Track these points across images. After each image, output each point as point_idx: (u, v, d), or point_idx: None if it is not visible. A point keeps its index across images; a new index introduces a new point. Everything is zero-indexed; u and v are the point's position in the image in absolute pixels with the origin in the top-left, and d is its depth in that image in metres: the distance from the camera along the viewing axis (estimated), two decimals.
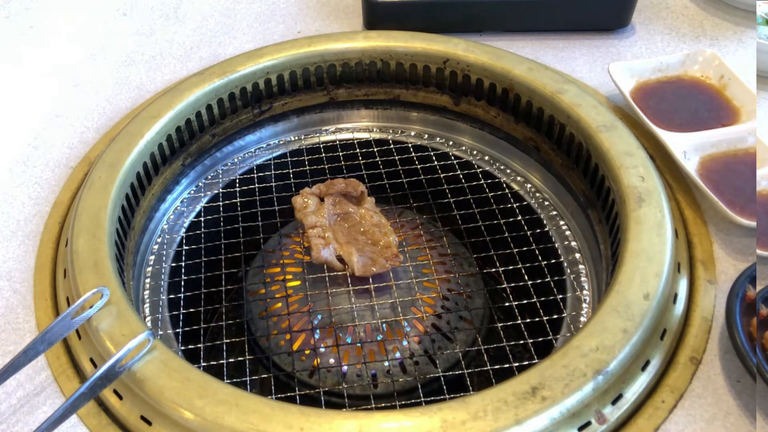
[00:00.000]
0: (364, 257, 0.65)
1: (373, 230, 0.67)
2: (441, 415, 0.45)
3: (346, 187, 0.70)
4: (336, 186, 0.70)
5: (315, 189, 0.70)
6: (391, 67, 0.77)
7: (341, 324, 0.64)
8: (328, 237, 0.66)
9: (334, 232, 0.67)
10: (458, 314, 0.67)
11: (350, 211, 0.69)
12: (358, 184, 0.70)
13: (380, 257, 0.65)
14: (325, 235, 0.66)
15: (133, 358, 0.49)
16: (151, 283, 0.66)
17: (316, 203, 0.69)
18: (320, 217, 0.67)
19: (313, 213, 0.67)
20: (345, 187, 0.70)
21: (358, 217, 0.69)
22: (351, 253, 0.65)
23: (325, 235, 0.66)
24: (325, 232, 0.66)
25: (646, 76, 0.75)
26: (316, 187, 0.70)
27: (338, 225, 0.68)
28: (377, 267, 0.64)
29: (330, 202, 0.69)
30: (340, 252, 0.65)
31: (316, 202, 0.69)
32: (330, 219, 0.68)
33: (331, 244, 0.65)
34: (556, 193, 0.72)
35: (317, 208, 0.68)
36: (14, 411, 0.52)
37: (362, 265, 0.64)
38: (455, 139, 0.78)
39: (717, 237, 0.62)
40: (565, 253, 0.67)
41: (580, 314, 0.61)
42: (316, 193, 0.69)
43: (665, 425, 0.50)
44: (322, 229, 0.66)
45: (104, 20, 0.93)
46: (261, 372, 0.66)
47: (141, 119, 0.68)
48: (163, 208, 0.72)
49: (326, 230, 0.66)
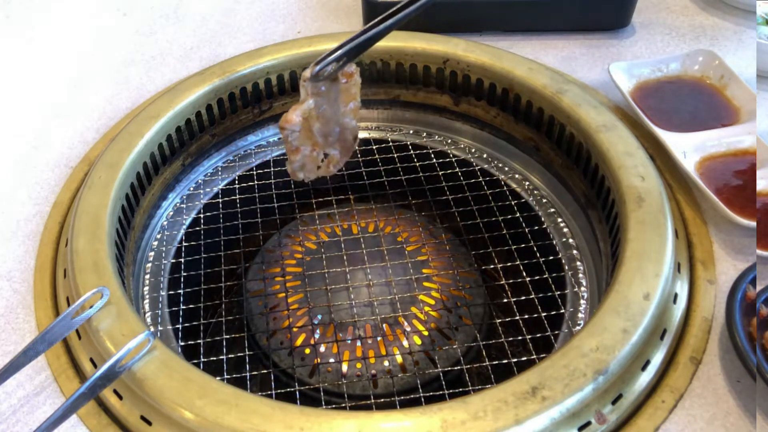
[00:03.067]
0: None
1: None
2: (441, 415, 0.45)
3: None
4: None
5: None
6: (391, 67, 0.77)
7: (341, 321, 0.64)
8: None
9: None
10: (457, 312, 0.67)
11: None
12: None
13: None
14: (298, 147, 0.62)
15: (133, 358, 0.49)
16: (151, 280, 0.66)
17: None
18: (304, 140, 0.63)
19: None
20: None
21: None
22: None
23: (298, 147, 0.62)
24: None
25: (646, 76, 0.75)
26: None
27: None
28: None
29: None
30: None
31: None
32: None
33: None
34: (556, 192, 0.72)
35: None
36: (14, 411, 0.52)
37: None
38: (455, 139, 0.79)
39: (717, 237, 0.62)
40: (563, 249, 0.67)
41: (579, 310, 0.61)
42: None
43: (665, 425, 0.50)
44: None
45: (104, 20, 0.93)
46: (260, 369, 0.66)
47: (141, 119, 0.68)
48: (164, 205, 0.72)
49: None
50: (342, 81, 0.61)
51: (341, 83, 0.61)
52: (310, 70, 0.57)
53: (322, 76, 0.57)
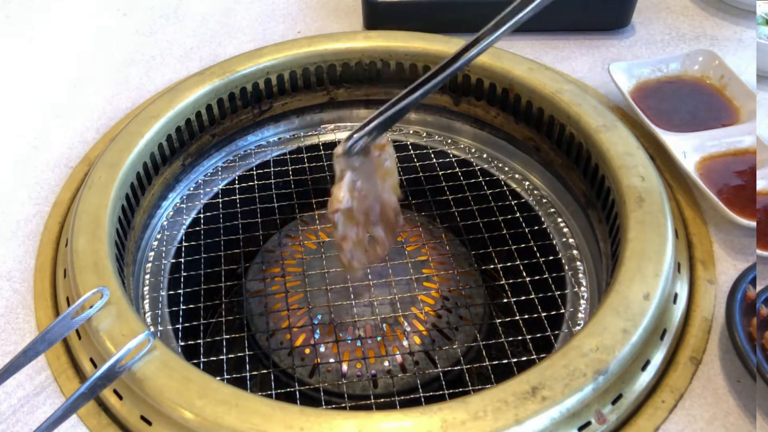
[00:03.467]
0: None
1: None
2: (441, 415, 0.45)
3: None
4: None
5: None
6: (391, 67, 0.77)
7: (341, 321, 0.64)
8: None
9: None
10: (457, 312, 0.67)
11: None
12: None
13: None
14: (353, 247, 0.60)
15: (133, 358, 0.49)
16: (151, 280, 0.66)
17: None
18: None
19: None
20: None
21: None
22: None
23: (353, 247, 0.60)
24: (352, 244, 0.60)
25: (646, 76, 0.75)
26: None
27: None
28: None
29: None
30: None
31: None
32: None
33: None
34: (556, 192, 0.72)
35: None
36: (14, 411, 0.52)
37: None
38: (455, 139, 0.79)
39: (717, 237, 0.62)
40: (563, 249, 0.67)
41: (578, 310, 0.62)
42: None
43: (665, 425, 0.50)
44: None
45: (104, 20, 0.93)
46: (260, 369, 0.66)
47: (141, 119, 0.68)
48: (164, 205, 0.72)
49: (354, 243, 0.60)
50: (375, 154, 0.57)
51: (374, 156, 0.57)
52: (342, 146, 0.54)
53: (353, 151, 0.54)
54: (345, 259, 0.59)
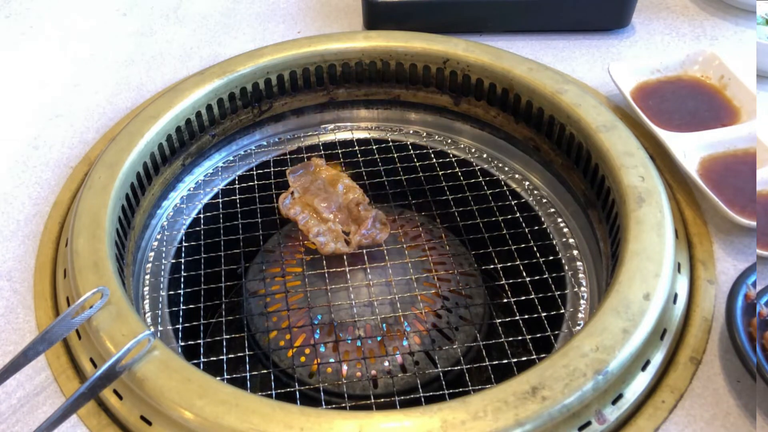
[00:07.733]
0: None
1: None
2: (441, 415, 0.45)
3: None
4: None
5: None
6: (391, 67, 0.77)
7: (341, 321, 0.64)
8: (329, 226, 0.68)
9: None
10: (458, 312, 0.67)
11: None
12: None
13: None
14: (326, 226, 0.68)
15: (133, 358, 0.49)
16: (151, 280, 0.66)
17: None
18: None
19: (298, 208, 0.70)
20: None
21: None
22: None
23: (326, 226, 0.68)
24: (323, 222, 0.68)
25: (646, 76, 0.75)
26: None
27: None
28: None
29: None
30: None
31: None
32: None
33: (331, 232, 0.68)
34: (556, 192, 0.72)
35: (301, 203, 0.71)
36: (14, 411, 0.52)
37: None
38: (455, 139, 0.79)
39: (717, 237, 0.62)
40: (563, 249, 0.67)
41: (578, 310, 0.62)
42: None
43: (665, 425, 0.50)
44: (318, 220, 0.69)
45: (104, 20, 0.93)
46: (260, 369, 0.66)
47: (141, 119, 0.68)
48: (164, 205, 0.72)
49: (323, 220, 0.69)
50: (310, 168, 0.72)
51: (310, 171, 0.72)
52: None
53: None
54: (318, 244, 0.67)
